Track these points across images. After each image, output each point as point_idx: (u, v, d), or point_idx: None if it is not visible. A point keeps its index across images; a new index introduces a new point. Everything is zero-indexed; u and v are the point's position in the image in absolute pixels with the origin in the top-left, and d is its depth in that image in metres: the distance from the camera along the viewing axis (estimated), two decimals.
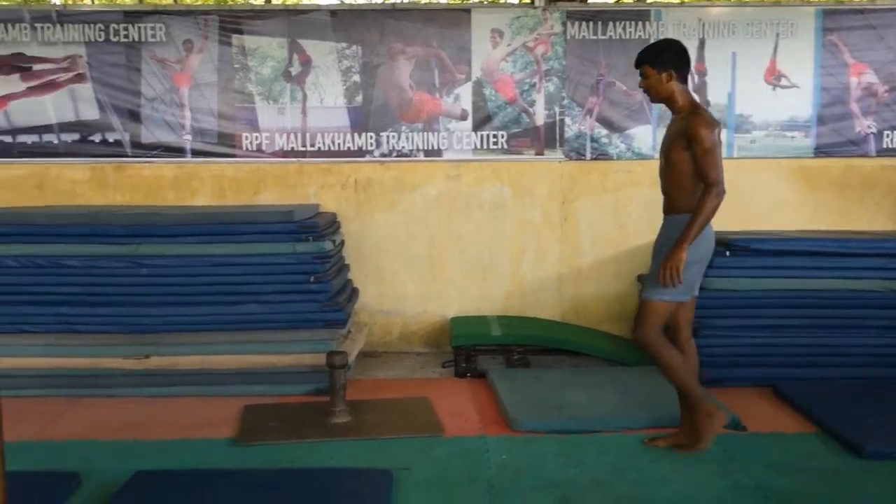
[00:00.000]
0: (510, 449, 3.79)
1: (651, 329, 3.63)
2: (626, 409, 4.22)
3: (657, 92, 3.67)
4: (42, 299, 4.79)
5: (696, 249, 3.59)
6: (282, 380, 4.67)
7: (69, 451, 3.78)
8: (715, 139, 3.51)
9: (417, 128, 5.76)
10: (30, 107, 5.69)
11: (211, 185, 5.74)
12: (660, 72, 3.62)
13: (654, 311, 3.64)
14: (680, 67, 3.64)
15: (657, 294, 3.62)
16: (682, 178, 3.60)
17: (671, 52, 3.65)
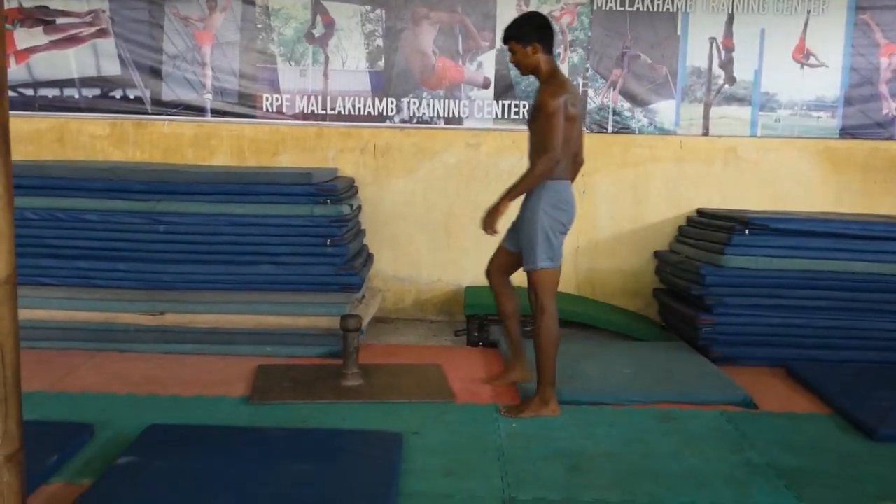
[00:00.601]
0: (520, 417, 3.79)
1: (548, 298, 3.78)
2: (639, 383, 4.22)
3: (524, 65, 3.79)
4: (61, 253, 4.84)
5: (553, 215, 3.74)
6: (295, 341, 4.70)
7: (84, 403, 3.82)
8: (558, 106, 3.61)
9: (439, 95, 5.73)
10: (52, 60, 5.70)
11: (230, 144, 5.73)
12: (525, 45, 3.74)
13: (544, 280, 3.78)
14: (543, 39, 3.76)
15: (539, 262, 3.75)
16: (539, 147, 3.71)
17: (534, 24, 3.78)
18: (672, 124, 5.75)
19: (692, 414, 3.89)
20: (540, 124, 3.69)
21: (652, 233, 5.80)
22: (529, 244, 3.79)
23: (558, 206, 3.76)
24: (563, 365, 4.41)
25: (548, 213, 3.74)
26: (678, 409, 3.94)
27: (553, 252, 3.78)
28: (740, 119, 5.74)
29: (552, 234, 3.76)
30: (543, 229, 3.74)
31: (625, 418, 3.82)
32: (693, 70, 5.71)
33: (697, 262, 5.02)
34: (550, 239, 3.76)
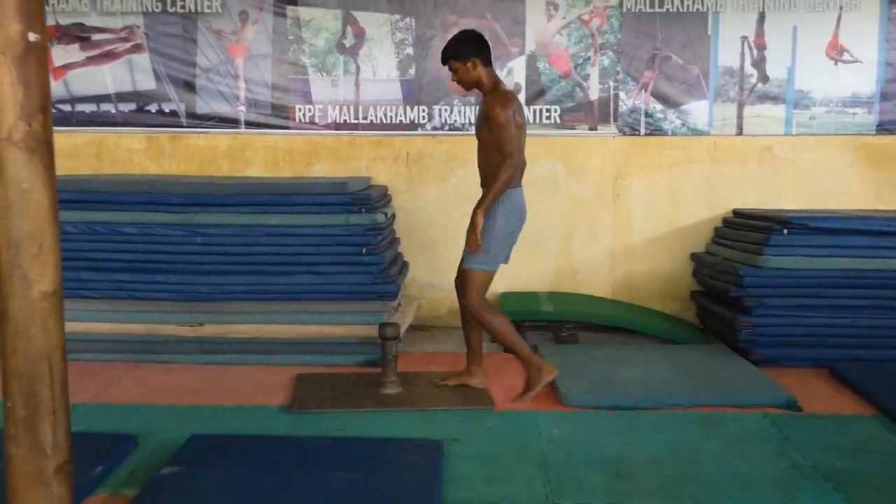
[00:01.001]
0: (561, 424, 3.77)
1: (475, 296, 3.96)
2: (680, 387, 4.18)
3: (467, 81, 3.96)
4: (100, 265, 4.89)
5: (507, 222, 3.94)
6: (333, 350, 4.72)
7: (127, 414, 3.86)
8: (508, 116, 3.79)
9: (470, 101, 5.73)
10: (89, 76, 5.78)
11: (264, 156, 5.77)
12: (464, 62, 3.91)
13: (474, 280, 3.96)
14: (481, 53, 3.93)
15: (475, 263, 3.93)
16: (490, 156, 3.90)
17: (470, 42, 3.95)
18: (705, 125, 5.70)
19: (735, 417, 3.84)
20: (493, 135, 3.85)
21: (688, 235, 5.75)
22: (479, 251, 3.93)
23: (512, 214, 3.97)
24: (602, 370, 4.42)
25: (503, 223, 3.93)
26: (721, 412, 3.90)
27: (489, 258, 3.95)
28: (774, 117, 5.67)
29: (499, 242, 3.95)
30: (495, 237, 3.92)
31: (667, 423, 3.78)
32: (725, 69, 5.65)
33: (735, 264, 4.97)
34: (496, 246, 3.95)
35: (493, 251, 3.95)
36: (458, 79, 3.99)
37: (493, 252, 3.95)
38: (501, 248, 3.99)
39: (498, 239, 3.95)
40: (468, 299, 3.98)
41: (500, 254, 3.99)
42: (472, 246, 3.89)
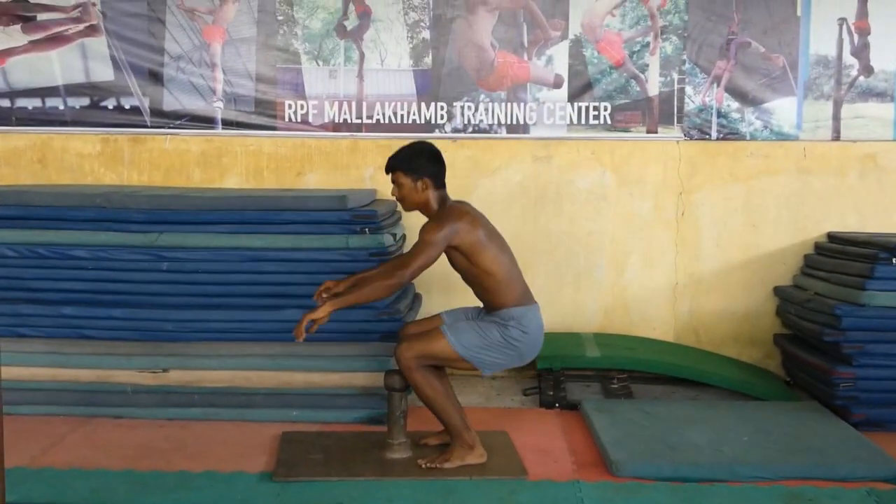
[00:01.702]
0: (611, 498, 3.75)
1: (418, 355, 3.94)
2: (761, 455, 4.14)
3: (410, 201, 4.12)
4: (43, 297, 4.92)
5: (525, 343, 4.05)
6: (327, 403, 4.72)
7: (72, 482, 3.86)
8: (438, 237, 3.91)
9: (499, 97, 5.76)
10: (32, 64, 5.87)
11: (246, 162, 5.82)
12: (414, 180, 4.07)
13: (438, 346, 3.97)
14: (437, 175, 4.11)
15: (459, 342, 3.97)
16: (478, 279, 4.07)
17: (425, 157, 4.12)
18: (793, 127, 5.70)
19: (831, 493, 3.80)
20: (459, 256, 4.03)
21: (770, 264, 5.74)
22: (474, 332, 4.02)
23: (525, 336, 4.06)
24: (663, 432, 4.39)
25: (510, 340, 4.03)
26: (813, 486, 3.85)
27: (472, 351, 4.00)
28: (880, 119, 5.67)
29: (492, 349, 4.02)
30: (494, 340, 4.01)
31: (745, 499, 3.75)
32: (818, 59, 5.66)
33: (830, 300, 4.94)
34: (488, 349, 4.02)
35: (478, 347, 4.00)
36: (400, 195, 4.12)
37: (478, 348, 4.00)
38: (491, 355, 4.03)
39: (494, 343, 4.01)
40: (407, 348, 3.95)
41: (489, 357, 4.03)
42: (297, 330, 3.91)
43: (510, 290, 4.05)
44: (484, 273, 4.02)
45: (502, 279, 4.03)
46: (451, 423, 4.07)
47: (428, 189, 4.07)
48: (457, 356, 3.99)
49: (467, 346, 3.98)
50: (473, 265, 4.02)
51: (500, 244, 4.12)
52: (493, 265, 4.02)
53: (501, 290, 4.04)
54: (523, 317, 4.03)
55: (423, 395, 4.02)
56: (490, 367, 4.09)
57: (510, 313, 4.02)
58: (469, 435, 4.08)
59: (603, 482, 3.92)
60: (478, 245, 3.99)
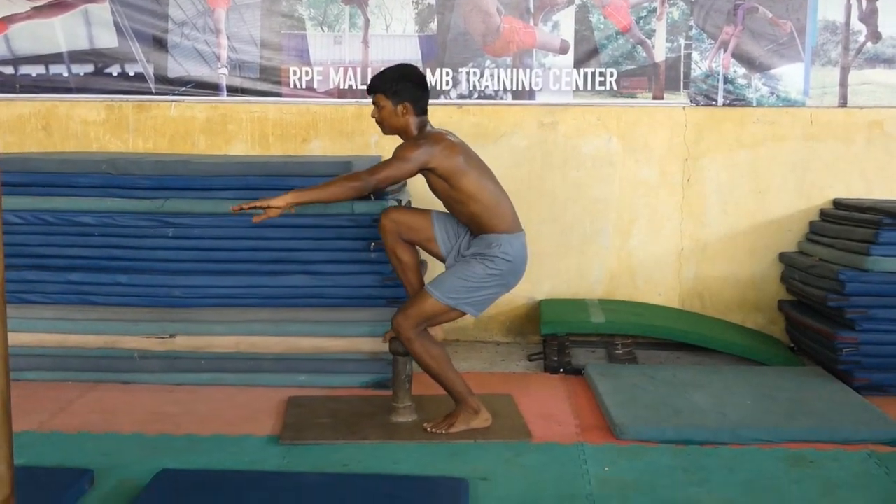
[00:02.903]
0: (614, 460, 3.80)
1: (412, 320, 4.00)
2: (764, 418, 4.20)
3: (389, 125, 4.10)
4: (50, 264, 4.96)
5: (510, 272, 4.07)
6: (334, 368, 4.77)
7: (82, 445, 3.92)
8: (412, 156, 3.90)
9: (505, 63, 5.77)
10: (35, 31, 5.88)
11: (251, 129, 5.86)
12: (395, 103, 4.03)
13: (426, 306, 4.00)
14: (418, 100, 4.06)
15: (445, 294, 3.98)
16: (460, 205, 4.05)
17: (409, 81, 4.07)
18: (800, 93, 5.71)
19: (832, 455, 3.85)
20: (439, 181, 4.01)
21: (776, 230, 5.77)
22: (457, 277, 4.04)
23: (509, 264, 4.06)
24: (666, 396, 4.44)
25: (493, 269, 4.03)
26: (814, 449, 3.90)
27: (458, 296, 4.01)
28: (888, 85, 5.68)
29: (476, 285, 4.03)
30: (476, 276, 4.02)
31: (747, 461, 3.79)
32: (826, 25, 5.66)
33: (835, 266, 4.97)
34: (472, 288, 4.03)
35: (464, 291, 4.01)
36: (379, 118, 4.11)
37: (464, 292, 4.01)
38: (478, 294, 4.05)
39: (478, 281, 4.02)
40: (403, 318, 4.01)
41: (476, 297, 4.05)
42: (249, 205, 3.92)
43: (497, 215, 4.04)
44: (467, 198, 4.01)
45: (487, 204, 4.02)
46: (455, 389, 4.13)
47: (408, 114, 4.04)
48: (448, 308, 4.02)
49: (455, 296, 3.99)
50: (454, 189, 4.00)
51: (484, 171, 4.11)
52: (476, 189, 4.00)
53: (487, 215, 4.03)
54: (509, 244, 4.04)
55: (424, 364, 4.08)
56: (480, 306, 4.11)
57: (497, 239, 4.02)
58: (473, 399, 4.14)
59: (607, 445, 3.98)
60: (457, 169, 3.97)
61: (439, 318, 4.09)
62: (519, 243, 4.10)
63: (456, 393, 4.13)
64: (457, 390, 4.13)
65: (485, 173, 4.10)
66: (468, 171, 3.99)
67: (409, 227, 4.18)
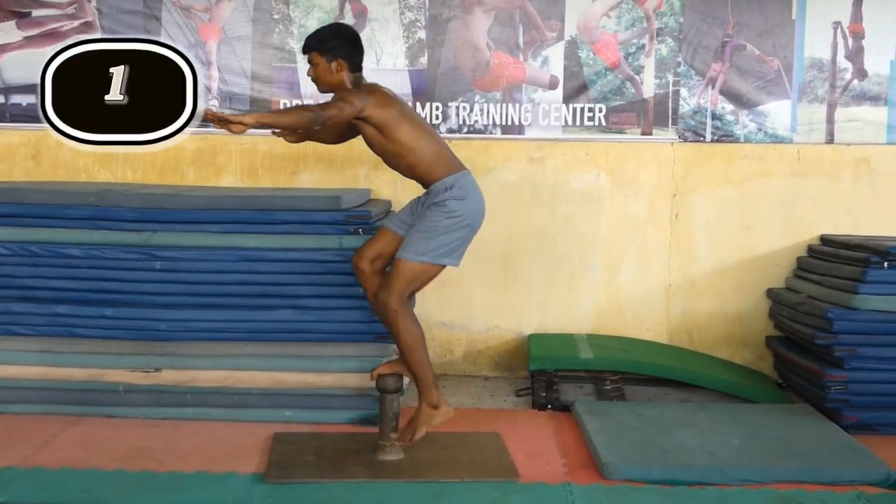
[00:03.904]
0: (601, 501, 3.76)
1: (397, 291, 4.01)
2: (752, 457, 4.15)
3: (324, 81, 4.12)
4: (36, 295, 4.90)
5: (467, 210, 4.07)
6: (320, 404, 4.72)
7: (65, 482, 3.86)
8: (353, 99, 3.90)
9: (495, 98, 5.76)
10: (27, 61, 5.85)
11: (240, 161, 5.83)
12: (329, 60, 4.06)
13: (405, 271, 4.02)
14: (351, 56, 4.10)
15: (415, 254, 4.00)
16: (398, 157, 4.10)
17: (341, 38, 4.11)
18: (787, 130, 5.71)
19: (820, 497, 3.81)
20: (372, 130, 4.04)
21: (763, 266, 5.74)
22: (419, 233, 4.06)
23: (466, 202, 4.10)
24: (654, 434, 4.40)
25: (453, 211, 4.05)
26: (803, 490, 3.87)
27: (430, 247, 4.03)
28: (874, 122, 5.68)
29: (444, 231, 4.05)
30: (442, 226, 4.04)
31: (735, 502, 3.76)
32: (813, 62, 5.67)
33: (822, 304, 4.95)
34: (441, 236, 4.04)
35: (431, 243, 4.02)
36: (314, 74, 4.13)
37: (431, 244, 4.02)
38: (445, 242, 4.05)
39: (440, 229, 4.03)
40: (388, 292, 4.02)
41: (445, 246, 4.05)
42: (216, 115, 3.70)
43: (435, 164, 4.08)
44: (404, 150, 4.04)
45: (424, 154, 4.06)
46: (425, 377, 4.13)
47: (343, 71, 4.07)
48: (424, 266, 4.03)
49: (423, 251, 4.00)
50: (389, 141, 4.03)
51: (419, 122, 4.15)
52: (411, 140, 4.03)
53: (426, 165, 4.07)
54: (455, 184, 4.06)
55: (405, 342, 4.07)
56: (453, 254, 4.11)
57: (443, 184, 4.05)
58: (435, 393, 4.15)
59: (594, 485, 3.93)
60: (391, 120, 3.99)
61: (420, 279, 4.10)
62: (465, 180, 4.13)
63: (422, 381, 4.13)
64: (426, 380, 4.12)
65: (419, 125, 4.13)
66: (402, 121, 4.03)
67: (381, 252, 4.19)
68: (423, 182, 4.14)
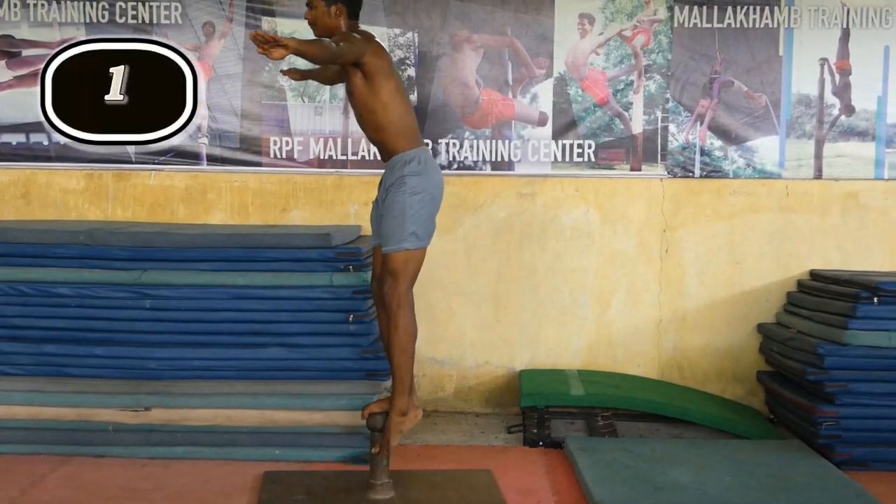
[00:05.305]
0: None
1: (400, 284, 4.03)
2: (744, 494, 4.15)
3: (322, 26, 4.10)
4: (25, 335, 4.91)
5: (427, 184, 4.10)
6: (310, 442, 4.71)
7: None
8: (359, 44, 3.91)
9: (484, 134, 5.80)
10: (16, 100, 5.86)
11: (231, 199, 5.84)
12: (328, 4, 4.07)
13: (398, 262, 4.04)
14: (351, 3, 4.13)
15: (397, 242, 4.03)
16: (372, 115, 4.08)
17: None
18: (775, 165, 5.74)
19: None
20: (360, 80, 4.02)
21: (753, 301, 5.76)
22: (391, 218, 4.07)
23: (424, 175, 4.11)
24: (647, 472, 4.39)
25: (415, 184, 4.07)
26: None
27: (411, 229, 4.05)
28: (862, 158, 5.72)
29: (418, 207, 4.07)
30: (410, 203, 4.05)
31: None
32: (800, 98, 5.71)
33: (813, 339, 4.96)
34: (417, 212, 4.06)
35: (408, 224, 4.03)
36: (312, 17, 4.12)
37: (408, 225, 4.03)
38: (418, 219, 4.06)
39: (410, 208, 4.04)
40: (391, 287, 4.03)
41: (418, 225, 4.06)
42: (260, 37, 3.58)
43: (401, 131, 4.10)
44: (381, 106, 4.04)
45: (395, 117, 4.07)
46: (402, 380, 4.10)
47: (341, 16, 4.08)
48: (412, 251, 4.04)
49: (404, 235, 4.02)
50: (372, 93, 4.02)
51: (401, 85, 4.18)
52: (390, 98, 4.04)
53: (393, 130, 4.08)
54: (415, 159, 4.09)
55: (399, 339, 4.05)
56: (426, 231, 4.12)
57: (402, 158, 4.08)
58: (405, 399, 4.12)
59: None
60: (382, 71, 4.01)
61: (412, 266, 4.09)
62: (424, 156, 4.15)
63: (398, 383, 4.10)
64: (401, 382, 4.10)
65: (400, 86, 4.16)
66: (390, 76, 4.05)
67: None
68: (386, 149, 4.15)
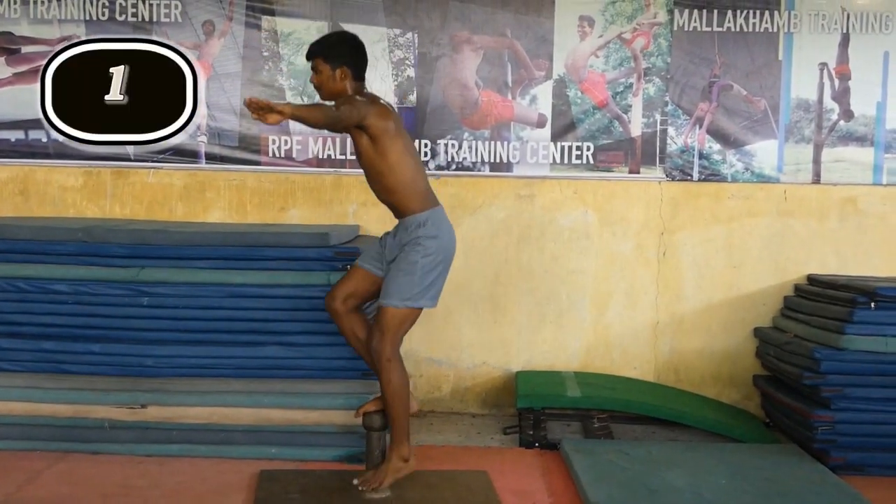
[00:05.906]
0: None
1: (391, 340, 4.03)
2: (739, 498, 4.16)
3: (327, 89, 4.10)
4: (22, 331, 4.92)
5: (440, 247, 4.07)
6: (306, 441, 4.71)
7: None
8: (358, 104, 3.87)
9: (483, 135, 5.81)
10: (15, 97, 5.88)
11: (229, 197, 5.85)
12: (333, 67, 4.05)
13: (396, 319, 4.03)
14: (356, 64, 4.11)
15: (400, 299, 4.00)
16: (381, 176, 4.05)
17: (347, 46, 4.13)
18: (774, 170, 5.76)
19: None
20: (366, 140, 3.98)
21: (750, 305, 5.78)
22: (402, 276, 4.04)
23: (440, 238, 4.10)
24: (641, 474, 4.40)
25: (430, 248, 4.05)
26: None
27: (415, 293, 4.03)
28: (860, 163, 5.74)
29: (426, 273, 4.05)
30: (420, 267, 4.03)
31: None
32: (799, 103, 5.73)
33: (810, 343, 4.98)
34: (423, 277, 4.04)
35: (416, 286, 4.02)
36: (317, 81, 4.12)
37: (416, 287, 4.02)
38: (428, 283, 4.05)
39: (421, 269, 4.02)
40: (382, 341, 4.02)
41: (426, 287, 4.06)
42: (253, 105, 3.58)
43: (413, 192, 4.07)
44: (389, 168, 4.01)
45: (404, 178, 4.04)
46: (401, 429, 4.10)
47: (346, 79, 4.06)
48: (410, 311, 4.04)
49: (409, 295, 4.00)
50: (379, 155, 3.99)
51: (409, 144, 4.13)
52: (398, 159, 4.00)
53: (403, 191, 4.05)
54: (429, 220, 4.06)
55: (391, 393, 4.05)
56: (434, 295, 4.12)
57: (416, 220, 4.05)
58: (407, 446, 4.13)
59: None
60: (388, 133, 3.97)
61: (407, 325, 4.10)
62: (437, 217, 4.12)
63: (398, 432, 4.10)
64: (400, 430, 4.10)
65: (409, 146, 4.12)
66: (396, 138, 4.01)
67: (354, 292, 4.20)
68: (397, 211, 4.12)
